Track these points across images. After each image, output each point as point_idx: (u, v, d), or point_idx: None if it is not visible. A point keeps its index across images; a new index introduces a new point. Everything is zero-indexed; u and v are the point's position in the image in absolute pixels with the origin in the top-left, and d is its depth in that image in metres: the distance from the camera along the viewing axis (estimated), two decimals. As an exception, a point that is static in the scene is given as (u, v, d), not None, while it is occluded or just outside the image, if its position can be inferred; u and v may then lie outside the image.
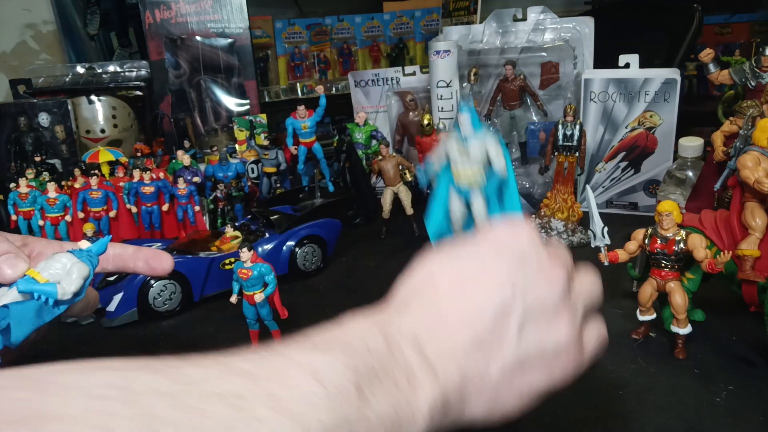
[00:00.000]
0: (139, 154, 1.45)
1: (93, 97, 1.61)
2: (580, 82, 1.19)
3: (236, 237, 0.98)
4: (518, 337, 0.34)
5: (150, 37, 1.64)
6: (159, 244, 0.99)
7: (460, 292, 0.35)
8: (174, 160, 1.31)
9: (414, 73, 1.42)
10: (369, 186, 1.29)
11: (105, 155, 1.32)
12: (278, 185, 1.33)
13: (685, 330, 0.68)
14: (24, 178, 1.13)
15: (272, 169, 1.33)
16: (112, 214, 1.13)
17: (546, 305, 0.36)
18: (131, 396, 0.22)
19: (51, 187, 1.11)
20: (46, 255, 0.42)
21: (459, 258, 0.38)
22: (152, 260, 0.48)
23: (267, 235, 1.03)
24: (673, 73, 1.10)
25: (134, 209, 1.14)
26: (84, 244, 0.41)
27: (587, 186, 0.89)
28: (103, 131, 1.62)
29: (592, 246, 0.73)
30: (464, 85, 1.31)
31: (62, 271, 0.39)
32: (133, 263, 0.48)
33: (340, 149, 1.24)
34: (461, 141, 0.56)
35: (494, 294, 0.35)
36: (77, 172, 1.19)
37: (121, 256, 0.48)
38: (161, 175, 1.18)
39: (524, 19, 1.27)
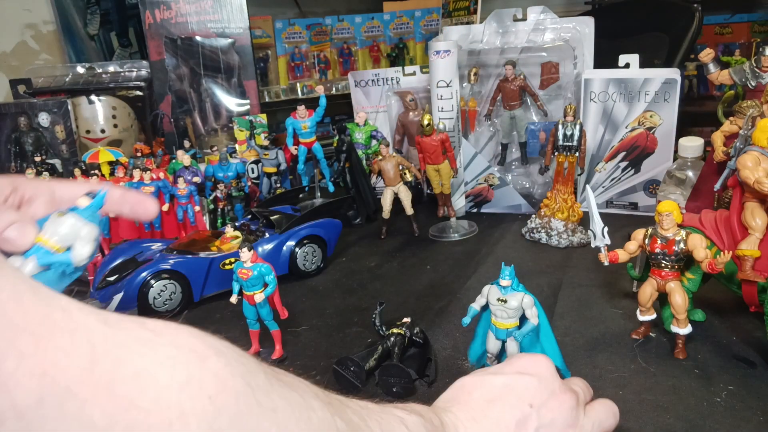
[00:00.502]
0: (139, 154, 1.45)
1: (93, 97, 1.61)
2: (580, 82, 1.19)
3: (236, 237, 0.98)
4: None
5: (150, 37, 1.64)
6: (159, 244, 0.99)
7: (489, 402, 0.43)
8: (174, 160, 1.31)
9: (414, 73, 1.42)
10: (369, 186, 1.29)
11: (105, 155, 1.32)
12: (278, 185, 1.33)
13: (685, 330, 0.68)
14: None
15: (272, 169, 1.33)
16: (112, 214, 1.12)
17: (556, 422, 0.43)
18: None
19: (51, 187, 1.11)
20: (37, 198, 0.42)
21: (489, 376, 0.46)
22: (137, 206, 0.48)
23: (267, 235, 1.03)
24: (673, 73, 1.10)
25: (134, 209, 1.14)
26: (84, 202, 0.41)
27: (587, 186, 0.89)
28: (103, 131, 1.62)
29: (592, 246, 0.73)
30: (464, 85, 1.31)
31: (72, 234, 0.39)
32: (119, 208, 0.48)
33: (340, 149, 1.24)
34: (501, 291, 0.61)
35: (517, 406, 0.43)
36: (77, 172, 1.19)
37: (109, 200, 0.47)
38: (161, 175, 1.18)
39: (524, 19, 1.27)
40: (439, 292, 0.92)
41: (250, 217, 1.14)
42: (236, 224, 1.09)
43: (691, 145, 1.03)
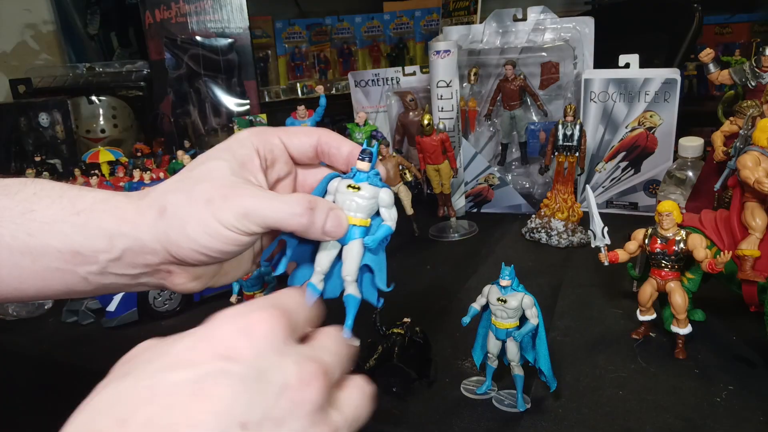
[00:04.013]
0: (139, 154, 1.45)
1: (93, 97, 1.61)
2: (580, 82, 1.19)
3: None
4: None
5: (150, 37, 1.64)
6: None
7: (153, 425, 0.25)
8: (174, 160, 1.31)
9: (414, 73, 1.42)
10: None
11: (105, 155, 1.32)
12: (278, 185, 1.33)
13: (685, 330, 0.68)
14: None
15: (272, 169, 1.32)
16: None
17: None
18: None
19: (51, 187, 1.11)
20: (278, 160, 0.41)
21: (164, 378, 0.27)
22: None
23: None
24: (673, 73, 1.10)
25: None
26: (365, 165, 0.39)
27: (587, 186, 0.89)
28: (103, 131, 1.62)
29: (592, 246, 0.73)
30: (464, 85, 1.31)
31: (372, 204, 0.38)
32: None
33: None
34: (501, 291, 0.61)
35: (214, 430, 0.25)
36: (77, 172, 1.19)
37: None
38: (161, 175, 1.18)
39: (524, 19, 1.27)
40: (439, 292, 0.92)
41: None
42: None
43: (691, 145, 1.03)
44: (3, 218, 0.37)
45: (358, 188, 0.38)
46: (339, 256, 0.39)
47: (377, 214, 0.40)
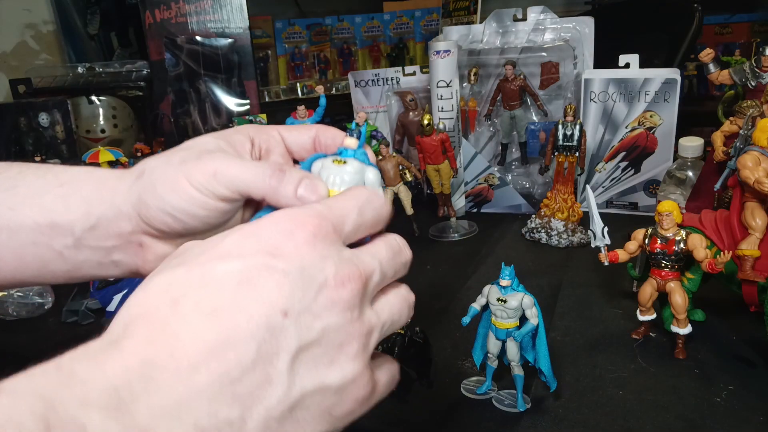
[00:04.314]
0: (139, 154, 1.45)
1: (93, 97, 1.61)
2: (580, 82, 1.19)
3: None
4: (289, 375, 0.28)
5: (150, 37, 1.64)
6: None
7: (207, 314, 0.27)
8: (174, 160, 1.31)
9: (414, 73, 1.42)
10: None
11: (105, 155, 1.32)
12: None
13: (685, 330, 0.68)
14: (24, 178, 1.13)
15: (272, 169, 1.32)
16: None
17: (329, 334, 0.29)
18: None
19: (51, 187, 1.11)
20: (273, 150, 0.41)
21: (214, 267, 0.29)
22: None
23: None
24: (673, 73, 1.10)
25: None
26: (352, 142, 0.38)
27: (587, 186, 0.89)
28: (103, 131, 1.62)
29: (592, 246, 0.73)
30: (464, 85, 1.31)
31: (358, 179, 0.37)
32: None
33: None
34: (500, 291, 0.61)
35: (258, 319, 0.27)
36: (77, 172, 1.19)
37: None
38: (161, 175, 1.17)
39: (524, 19, 1.27)
40: (439, 292, 0.92)
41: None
42: (236, 224, 1.09)
43: (691, 145, 1.03)
44: None
45: (344, 162, 0.37)
46: None
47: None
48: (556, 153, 1.07)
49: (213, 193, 0.36)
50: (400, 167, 1.17)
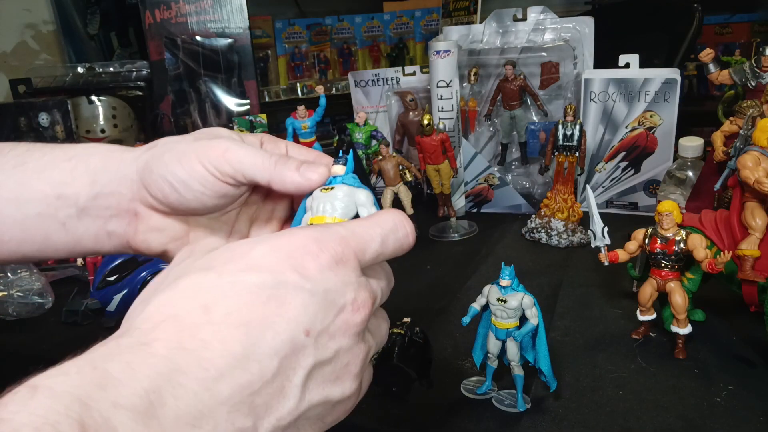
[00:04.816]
0: (139, 154, 1.45)
1: (93, 97, 1.61)
2: (580, 82, 1.19)
3: (236, 237, 0.98)
4: (302, 390, 0.29)
5: (150, 37, 1.64)
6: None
7: (237, 326, 0.28)
8: (174, 160, 1.31)
9: (414, 73, 1.42)
10: (369, 186, 1.29)
11: (105, 155, 1.32)
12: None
13: (685, 330, 0.68)
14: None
15: (272, 169, 1.32)
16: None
17: (340, 356, 0.32)
18: None
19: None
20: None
21: (245, 278, 0.30)
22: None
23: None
24: (673, 73, 1.10)
25: (134, 209, 1.14)
26: (339, 169, 0.39)
27: (587, 186, 0.89)
28: (103, 131, 1.62)
29: (592, 246, 0.73)
30: (464, 85, 1.31)
31: (351, 203, 0.38)
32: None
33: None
34: (500, 291, 0.61)
35: (284, 335, 0.29)
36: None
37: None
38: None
39: (524, 19, 1.27)
40: (439, 292, 0.92)
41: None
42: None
43: (691, 145, 1.03)
44: None
45: (332, 188, 0.38)
46: None
47: None
48: (556, 153, 1.07)
49: (219, 170, 0.37)
50: (400, 167, 1.17)
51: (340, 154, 0.39)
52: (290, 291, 0.30)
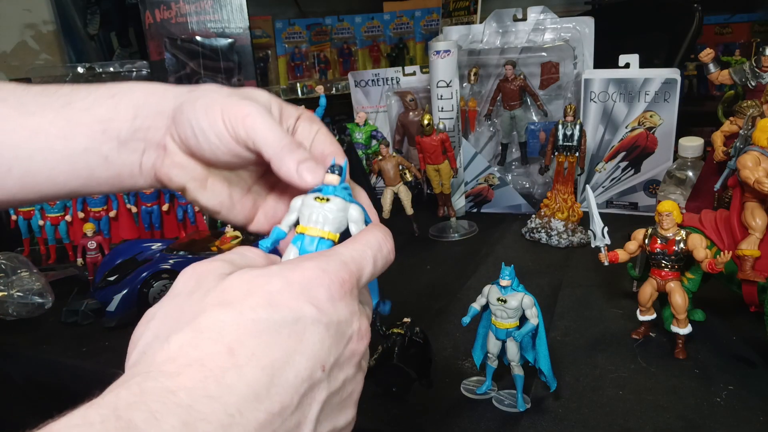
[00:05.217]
0: (139, 154, 1.45)
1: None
2: (580, 82, 1.19)
3: (236, 237, 0.98)
4: (316, 423, 0.30)
5: (150, 37, 1.64)
6: (159, 244, 0.99)
7: (262, 368, 0.28)
8: (174, 160, 1.31)
9: (414, 73, 1.42)
10: (369, 186, 1.29)
11: (105, 155, 1.32)
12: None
13: (685, 330, 0.68)
14: (24, 178, 1.13)
15: (272, 169, 1.32)
16: (112, 214, 1.13)
17: (346, 385, 0.32)
18: None
19: (51, 187, 1.11)
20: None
21: (267, 316, 0.29)
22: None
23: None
24: (673, 73, 1.10)
25: (134, 209, 1.14)
26: (333, 179, 0.38)
27: (587, 186, 0.89)
28: (103, 131, 1.62)
29: (592, 246, 0.73)
30: (464, 85, 1.31)
31: (342, 217, 0.37)
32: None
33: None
34: (500, 291, 0.61)
35: (304, 373, 0.29)
36: (77, 172, 1.19)
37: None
38: (161, 175, 1.17)
39: (524, 19, 1.27)
40: (439, 292, 0.92)
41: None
42: (236, 224, 1.09)
43: (691, 145, 1.03)
44: (44, 111, 0.42)
45: (327, 200, 0.37)
46: None
47: None
48: (556, 153, 1.07)
49: (234, 131, 0.38)
50: (400, 167, 1.17)
51: (333, 162, 0.38)
52: (308, 326, 0.30)
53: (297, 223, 0.38)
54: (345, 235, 0.38)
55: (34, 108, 0.42)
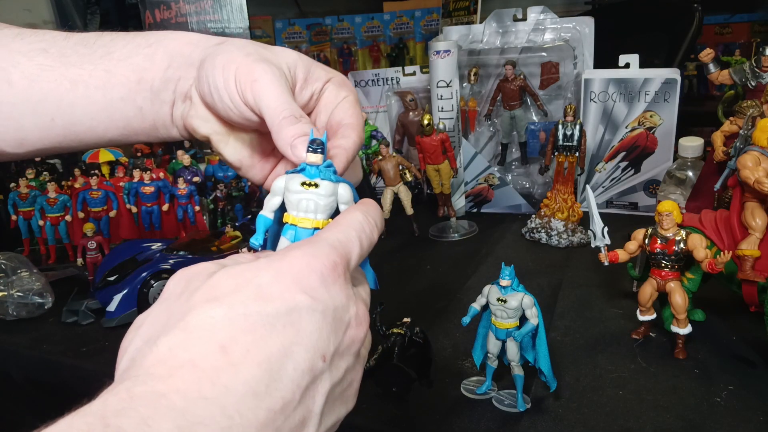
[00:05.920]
0: (139, 154, 1.45)
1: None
2: (580, 82, 1.19)
3: (236, 237, 0.98)
4: (321, 416, 0.29)
5: (150, 37, 1.63)
6: (159, 244, 0.99)
7: (258, 363, 0.27)
8: (174, 160, 1.31)
9: (414, 73, 1.42)
10: (369, 186, 1.29)
11: (105, 155, 1.32)
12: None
13: (685, 330, 0.68)
14: (24, 178, 1.14)
15: (272, 169, 1.32)
16: (112, 214, 1.13)
17: (347, 374, 0.31)
18: None
19: (51, 187, 1.11)
20: (320, 114, 0.43)
21: (258, 309, 0.28)
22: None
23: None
24: (673, 73, 1.10)
25: (134, 209, 1.14)
26: (316, 158, 0.35)
27: (587, 186, 0.89)
28: (103, 131, 1.62)
29: (592, 246, 0.73)
30: (464, 85, 1.31)
31: (333, 204, 0.35)
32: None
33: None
34: (500, 291, 0.61)
35: (303, 364, 0.28)
36: (77, 172, 1.19)
37: None
38: (161, 175, 1.18)
39: (524, 19, 1.27)
40: (439, 292, 0.92)
41: (250, 217, 1.14)
42: (236, 224, 1.09)
43: (691, 145, 1.03)
44: (83, 62, 0.42)
45: (315, 185, 0.34)
46: None
47: None
48: (556, 153, 1.07)
49: (243, 93, 0.38)
50: (400, 167, 1.17)
51: (311, 137, 0.35)
52: (304, 316, 0.29)
53: (282, 206, 0.36)
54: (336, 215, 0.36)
55: (75, 59, 0.43)
